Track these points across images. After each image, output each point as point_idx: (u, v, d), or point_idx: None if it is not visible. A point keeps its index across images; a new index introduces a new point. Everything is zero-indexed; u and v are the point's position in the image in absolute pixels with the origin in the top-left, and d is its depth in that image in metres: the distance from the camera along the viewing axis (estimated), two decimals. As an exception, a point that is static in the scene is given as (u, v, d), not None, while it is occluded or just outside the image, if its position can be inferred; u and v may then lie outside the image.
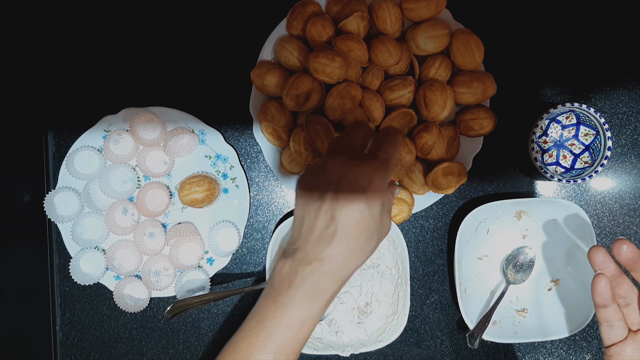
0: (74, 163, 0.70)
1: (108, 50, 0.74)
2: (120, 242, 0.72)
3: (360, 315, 0.71)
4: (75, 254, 0.71)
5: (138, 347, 0.74)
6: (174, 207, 0.73)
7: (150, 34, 0.73)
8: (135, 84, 0.73)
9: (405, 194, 0.70)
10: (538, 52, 0.74)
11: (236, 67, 0.72)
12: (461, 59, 0.68)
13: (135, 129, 0.70)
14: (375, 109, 0.66)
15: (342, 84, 0.65)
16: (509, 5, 0.74)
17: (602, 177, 0.75)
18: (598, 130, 0.70)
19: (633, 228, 0.75)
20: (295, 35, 0.69)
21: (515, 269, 0.73)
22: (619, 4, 0.74)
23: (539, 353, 0.75)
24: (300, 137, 0.66)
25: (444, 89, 0.66)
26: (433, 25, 0.67)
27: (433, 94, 0.66)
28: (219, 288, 0.73)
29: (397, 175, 0.69)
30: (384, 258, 0.72)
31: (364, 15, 0.65)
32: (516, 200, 0.69)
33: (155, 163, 0.71)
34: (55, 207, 0.70)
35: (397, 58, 0.66)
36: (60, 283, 0.74)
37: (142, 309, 0.72)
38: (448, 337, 0.75)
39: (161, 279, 0.71)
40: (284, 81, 0.67)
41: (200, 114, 0.72)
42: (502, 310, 0.73)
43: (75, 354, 0.74)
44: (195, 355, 0.74)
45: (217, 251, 0.71)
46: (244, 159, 0.74)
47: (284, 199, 0.75)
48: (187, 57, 0.74)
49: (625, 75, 0.75)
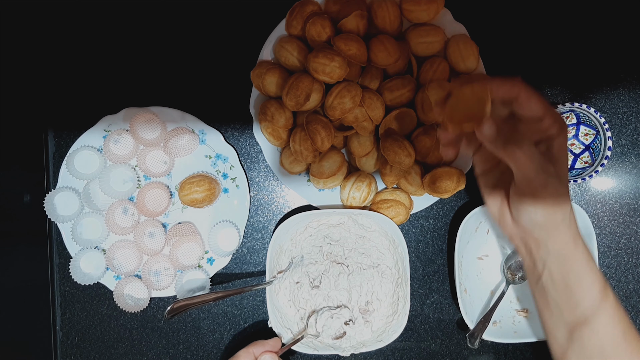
0: (74, 163, 0.70)
1: (108, 50, 0.74)
2: (121, 242, 0.72)
3: (364, 315, 0.71)
4: (76, 254, 0.71)
5: (138, 347, 0.74)
6: (174, 207, 0.73)
7: (150, 34, 0.73)
8: (135, 84, 0.73)
9: (403, 197, 0.70)
10: (538, 52, 0.74)
11: (236, 67, 0.72)
12: (456, 63, 0.69)
13: (135, 128, 0.70)
14: (375, 109, 0.66)
15: (342, 83, 0.65)
16: (509, 5, 0.74)
17: (602, 177, 0.75)
18: (598, 130, 0.70)
19: (633, 228, 0.75)
20: (295, 35, 0.69)
21: (516, 269, 0.73)
22: (619, 4, 0.74)
23: (539, 353, 0.75)
24: (300, 137, 0.66)
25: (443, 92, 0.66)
26: (427, 31, 0.68)
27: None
28: (219, 288, 0.73)
29: (395, 178, 0.69)
30: (384, 258, 0.72)
31: (363, 14, 0.66)
32: (516, 200, 0.69)
33: (155, 163, 0.71)
34: (55, 207, 0.70)
35: (396, 57, 0.66)
36: (60, 283, 0.74)
37: (142, 308, 0.72)
38: (448, 337, 0.75)
39: (161, 279, 0.71)
40: (284, 81, 0.67)
41: (200, 114, 0.72)
42: (502, 310, 0.73)
43: (75, 354, 0.74)
44: (195, 355, 0.74)
45: (217, 251, 0.71)
46: (244, 159, 0.74)
47: (284, 198, 0.75)
48: (187, 57, 0.74)
49: (625, 75, 0.75)
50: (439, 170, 0.67)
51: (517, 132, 0.43)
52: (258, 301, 0.74)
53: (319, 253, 0.72)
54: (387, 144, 0.66)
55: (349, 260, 0.72)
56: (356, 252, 0.72)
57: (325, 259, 0.72)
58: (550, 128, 0.44)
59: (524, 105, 0.43)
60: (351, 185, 0.69)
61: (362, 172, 0.70)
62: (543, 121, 0.43)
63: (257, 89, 0.70)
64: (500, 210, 0.50)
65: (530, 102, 0.43)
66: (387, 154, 0.65)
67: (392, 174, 0.68)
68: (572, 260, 0.47)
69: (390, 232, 0.69)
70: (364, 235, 0.72)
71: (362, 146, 0.69)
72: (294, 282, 0.71)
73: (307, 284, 0.71)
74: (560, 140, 0.44)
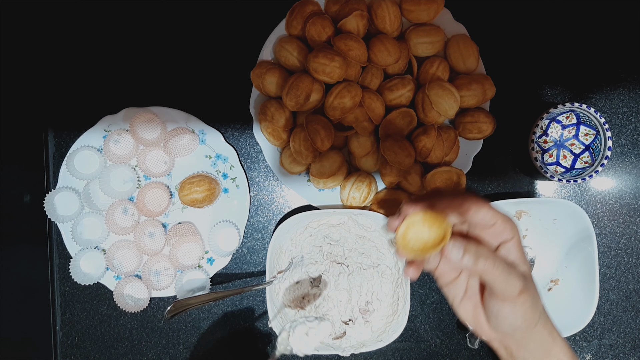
0: (74, 163, 0.70)
1: (108, 50, 0.74)
2: (121, 242, 0.72)
3: (364, 315, 0.71)
4: (76, 254, 0.71)
5: (138, 347, 0.74)
6: (174, 207, 0.73)
7: (150, 34, 0.73)
8: (135, 84, 0.73)
9: (403, 197, 0.70)
10: (538, 52, 0.74)
11: (236, 67, 0.72)
12: (456, 63, 0.69)
13: (135, 128, 0.70)
14: (375, 109, 0.66)
15: (342, 83, 0.65)
16: (509, 5, 0.74)
17: (602, 177, 0.75)
18: (598, 130, 0.70)
19: (633, 228, 0.75)
20: (295, 35, 0.69)
21: (515, 269, 0.73)
22: (619, 4, 0.74)
23: (539, 353, 0.75)
24: (300, 137, 0.66)
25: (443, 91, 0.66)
26: (427, 31, 0.68)
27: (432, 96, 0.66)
28: (219, 288, 0.73)
29: (395, 178, 0.69)
30: (384, 258, 0.72)
31: (363, 14, 0.66)
32: (516, 200, 0.69)
33: (156, 163, 0.71)
34: (55, 207, 0.70)
35: (396, 57, 0.66)
36: (60, 283, 0.74)
37: (142, 309, 0.72)
38: (448, 337, 0.75)
39: (161, 279, 0.71)
40: (284, 81, 0.67)
41: (200, 114, 0.72)
42: (502, 310, 0.73)
43: (75, 354, 0.74)
44: (195, 355, 0.74)
45: (217, 251, 0.71)
46: (244, 159, 0.74)
47: (284, 199, 0.75)
48: (187, 57, 0.74)
49: (625, 75, 0.75)
50: (439, 170, 0.67)
51: (480, 246, 0.45)
52: (258, 301, 0.74)
53: (319, 253, 0.72)
54: (387, 144, 0.66)
55: (349, 260, 0.72)
56: (356, 252, 0.72)
57: (325, 259, 0.72)
58: (503, 232, 0.46)
59: (475, 216, 0.45)
60: (351, 185, 0.69)
61: (362, 172, 0.70)
62: (495, 226, 0.45)
63: (257, 89, 0.70)
64: (474, 317, 0.51)
65: (480, 212, 0.45)
66: (387, 154, 0.65)
67: (392, 174, 0.68)
68: (552, 354, 0.49)
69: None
70: (364, 235, 0.72)
71: (362, 146, 0.69)
72: (294, 282, 0.71)
73: (307, 284, 0.71)
74: (515, 242, 0.46)
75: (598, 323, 0.75)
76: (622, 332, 0.75)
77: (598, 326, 0.75)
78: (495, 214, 0.45)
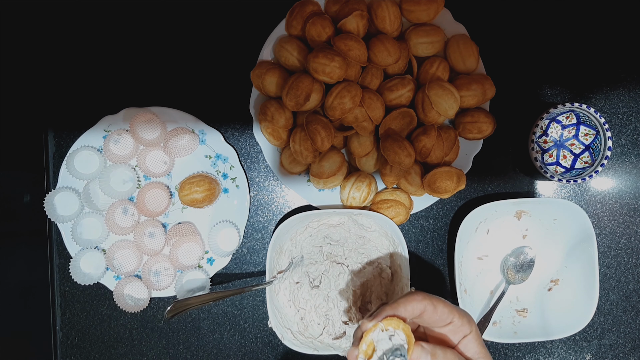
0: (74, 163, 0.70)
1: (108, 50, 0.74)
2: (121, 242, 0.72)
3: (364, 315, 0.71)
4: (76, 254, 0.71)
5: (138, 347, 0.74)
6: (174, 207, 0.73)
7: (150, 34, 0.73)
8: (135, 84, 0.73)
9: (403, 197, 0.70)
10: (538, 52, 0.74)
11: (236, 67, 0.72)
12: (456, 63, 0.69)
13: (135, 129, 0.70)
14: (375, 109, 0.66)
15: (342, 83, 0.65)
16: (509, 5, 0.74)
17: (602, 177, 0.75)
18: (598, 130, 0.70)
19: (633, 228, 0.75)
20: (295, 35, 0.69)
21: (515, 269, 0.73)
22: (619, 4, 0.74)
23: (539, 353, 0.75)
24: (300, 137, 0.66)
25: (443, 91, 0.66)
26: (427, 31, 0.68)
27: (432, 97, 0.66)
28: (219, 288, 0.73)
29: (395, 178, 0.69)
30: (383, 258, 0.72)
31: (363, 14, 0.66)
32: (516, 200, 0.69)
33: (155, 163, 0.71)
34: (55, 207, 0.70)
35: (395, 57, 0.66)
36: (60, 283, 0.74)
37: (142, 309, 0.72)
38: (448, 337, 0.75)
39: (161, 279, 0.71)
40: (284, 81, 0.67)
41: (200, 114, 0.72)
42: (502, 310, 0.73)
43: (75, 354, 0.74)
44: (195, 355, 0.74)
45: (217, 251, 0.71)
46: (244, 159, 0.74)
47: (284, 199, 0.75)
48: (187, 57, 0.74)
49: (625, 75, 0.75)
50: (439, 170, 0.67)
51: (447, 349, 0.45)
52: (258, 301, 0.74)
53: (319, 253, 0.72)
54: (387, 144, 0.66)
55: (349, 260, 0.72)
56: (356, 252, 0.72)
57: (325, 259, 0.72)
58: (462, 327, 0.46)
59: (432, 315, 0.45)
60: (351, 186, 0.69)
61: (362, 172, 0.70)
62: (453, 323, 0.45)
63: (257, 89, 0.70)
64: None
65: (437, 311, 0.45)
66: (387, 154, 0.65)
67: (392, 174, 0.68)
68: None
69: (390, 232, 0.69)
70: (364, 236, 0.72)
71: (362, 146, 0.69)
72: (294, 282, 0.71)
73: (307, 284, 0.71)
74: (474, 336, 0.46)
75: (598, 323, 0.75)
76: (622, 332, 0.75)
77: (598, 326, 0.75)
78: (452, 309, 0.45)
